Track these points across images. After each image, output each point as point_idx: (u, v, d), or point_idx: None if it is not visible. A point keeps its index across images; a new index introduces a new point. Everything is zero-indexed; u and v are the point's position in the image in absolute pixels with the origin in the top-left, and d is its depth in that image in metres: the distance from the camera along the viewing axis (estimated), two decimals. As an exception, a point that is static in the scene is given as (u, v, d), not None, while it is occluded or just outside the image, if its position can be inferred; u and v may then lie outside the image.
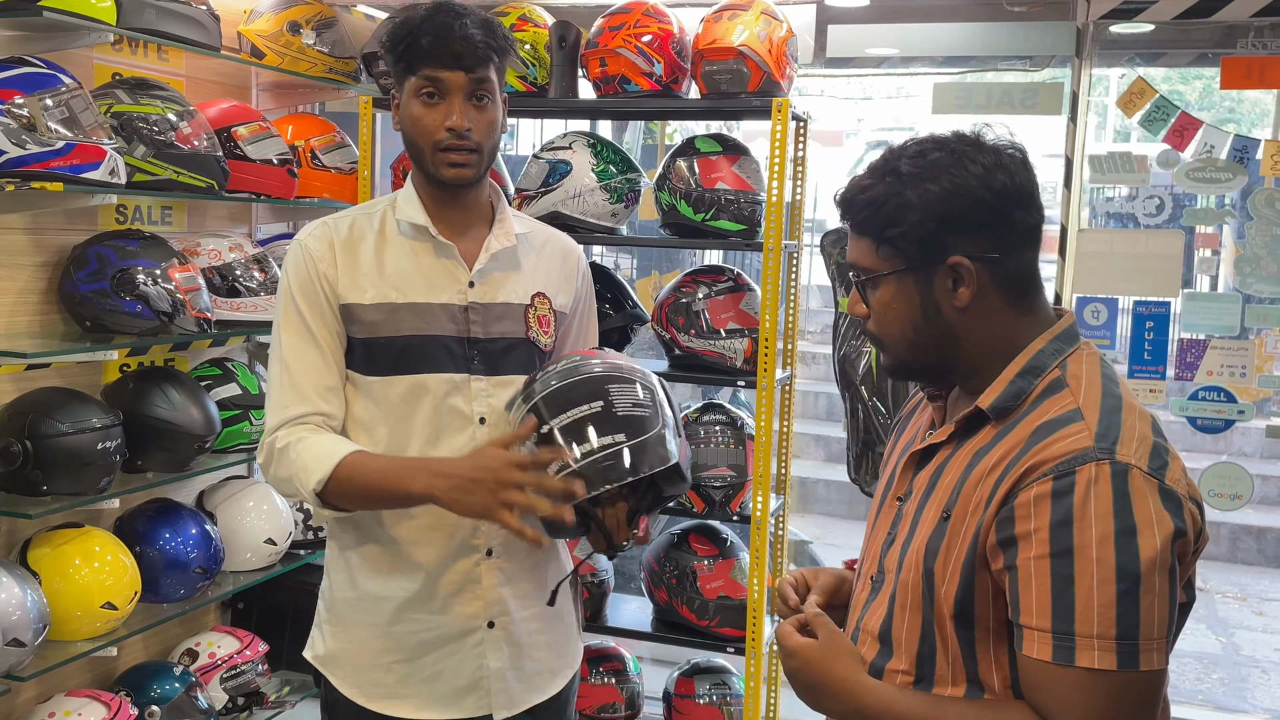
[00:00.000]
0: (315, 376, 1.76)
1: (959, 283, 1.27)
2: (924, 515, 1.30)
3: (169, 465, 2.80)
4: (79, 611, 2.55)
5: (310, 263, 1.77)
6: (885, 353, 1.37)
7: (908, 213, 1.26)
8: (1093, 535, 1.13)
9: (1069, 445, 1.18)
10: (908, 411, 1.54)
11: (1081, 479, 1.15)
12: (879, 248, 1.30)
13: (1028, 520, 1.17)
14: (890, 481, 1.43)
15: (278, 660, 3.20)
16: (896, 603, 1.31)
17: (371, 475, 1.68)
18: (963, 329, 1.29)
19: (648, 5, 2.92)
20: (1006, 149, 1.28)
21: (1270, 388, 3.14)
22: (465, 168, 1.74)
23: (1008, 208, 1.26)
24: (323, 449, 1.70)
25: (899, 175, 1.27)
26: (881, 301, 1.32)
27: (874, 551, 1.40)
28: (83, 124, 2.44)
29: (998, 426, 1.27)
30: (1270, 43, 3.06)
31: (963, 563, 1.22)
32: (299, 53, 3.20)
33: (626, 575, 4.32)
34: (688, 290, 3.00)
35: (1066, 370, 1.27)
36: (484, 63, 1.72)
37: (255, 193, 3.02)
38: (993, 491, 1.21)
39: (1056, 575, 1.14)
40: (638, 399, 1.69)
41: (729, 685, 3.09)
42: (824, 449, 7.82)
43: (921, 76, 3.67)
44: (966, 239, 1.26)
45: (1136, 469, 1.16)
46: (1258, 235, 3.11)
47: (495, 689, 1.84)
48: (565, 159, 2.98)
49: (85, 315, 2.65)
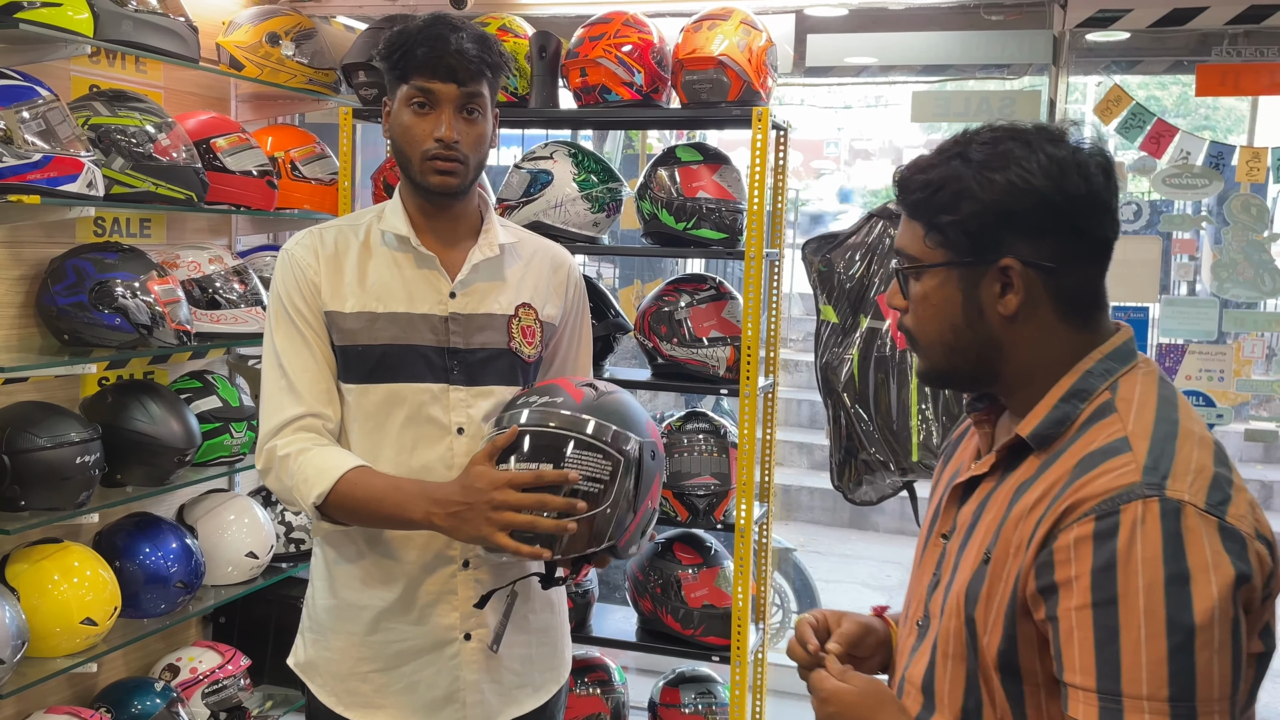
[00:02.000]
0: (310, 379, 1.78)
1: (1007, 288, 1.16)
2: (966, 556, 1.19)
3: (149, 479, 2.78)
4: (58, 627, 2.53)
5: (298, 270, 1.80)
6: (920, 354, 1.26)
7: (964, 201, 1.15)
8: (1139, 583, 1.02)
9: (1113, 480, 1.06)
10: (955, 437, 1.43)
11: (1126, 519, 1.03)
12: (927, 235, 1.19)
13: (1068, 566, 1.06)
14: (935, 516, 1.32)
15: (260, 675, 3.18)
16: (938, 652, 1.20)
17: (370, 496, 1.69)
18: (1007, 339, 1.18)
19: (628, 15, 2.93)
20: (1090, 151, 1.17)
21: (1248, 392, 3.16)
22: (451, 176, 1.75)
23: (1076, 215, 1.15)
24: (324, 463, 1.71)
25: (965, 160, 1.16)
26: (922, 295, 1.21)
27: (919, 594, 1.29)
28: (60, 136, 2.43)
29: (1041, 457, 1.16)
30: (1244, 50, 3.09)
31: (1005, 611, 1.12)
32: (278, 64, 3.19)
33: (611, 585, 4.31)
34: (670, 299, 3.01)
35: (1117, 393, 1.15)
36: (477, 77, 1.74)
37: (235, 204, 3.01)
38: (1033, 532, 1.10)
39: (1100, 627, 1.03)
40: (592, 472, 1.63)
41: (714, 694, 3.08)
42: (807, 456, 7.84)
43: (900, 85, 3.69)
44: (1024, 241, 1.15)
45: (1191, 506, 1.04)
46: (1234, 240, 3.14)
47: (470, 701, 1.83)
48: (546, 169, 2.98)
49: (63, 328, 2.63)
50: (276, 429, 1.76)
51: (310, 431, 1.76)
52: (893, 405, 2.96)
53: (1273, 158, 3.05)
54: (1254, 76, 3.11)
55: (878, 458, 3.02)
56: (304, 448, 1.73)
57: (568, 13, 3.28)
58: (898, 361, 2.97)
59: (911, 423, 2.95)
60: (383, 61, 1.77)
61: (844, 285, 3.07)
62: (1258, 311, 3.15)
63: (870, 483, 3.10)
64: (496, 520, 1.57)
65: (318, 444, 1.75)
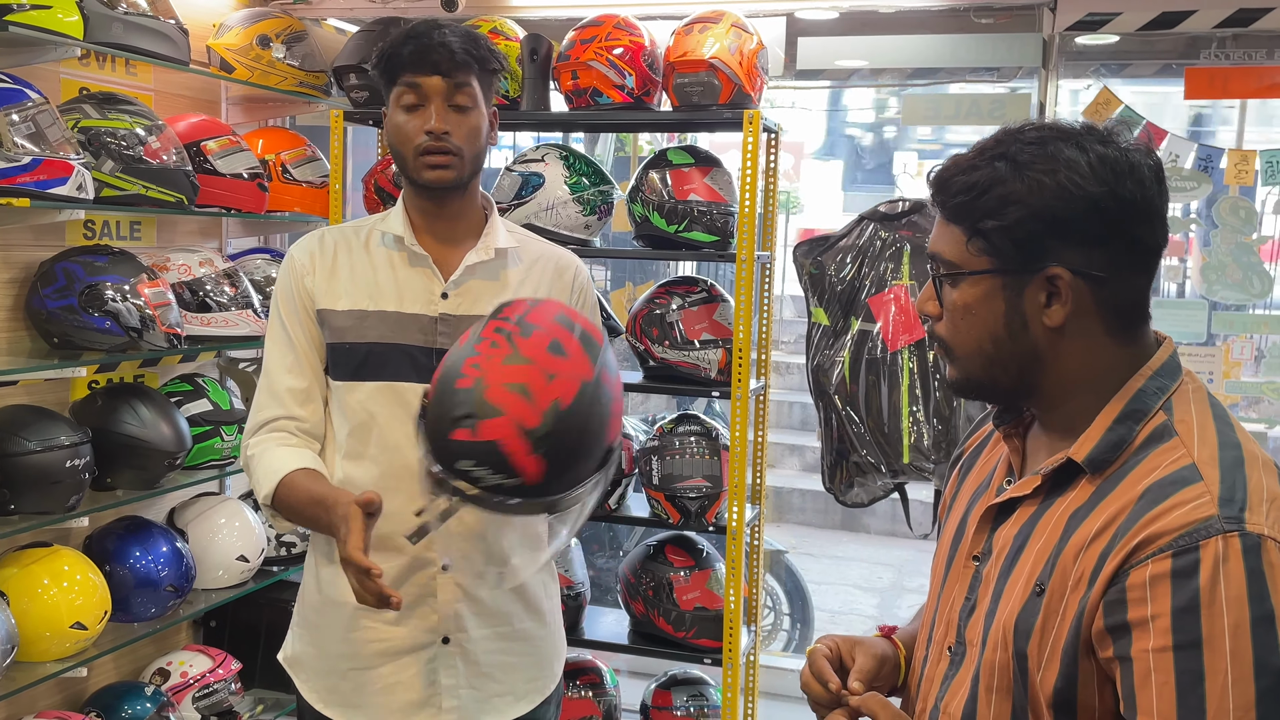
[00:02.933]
0: (289, 381, 1.82)
1: (1054, 298, 1.09)
2: (1012, 584, 1.13)
3: (139, 482, 2.77)
4: (48, 632, 2.52)
5: (295, 273, 1.84)
6: (953, 364, 1.18)
7: (1011, 206, 1.08)
8: (1224, 624, 0.96)
9: (1189, 514, 1.00)
10: (972, 446, 1.35)
11: (1207, 556, 0.98)
12: (970, 240, 1.11)
13: (1143, 605, 1.00)
14: (960, 534, 1.24)
15: (251, 678, 3.17)
16: (981, 684, 1.13)
17: (298, 503, 1.73)
18: (1050, 352, 1.12)
19: (619, 18, 2.93)
20: (1141, 153, 1.10)
21: (1238, 393, 3.18)
22: (445, 170, 1.77)
23: (1130, 222, 1.08)
24: (273, 464, 1.76)
25: (1010, 161, 1.09)
26: (960, 304, 1.14)
27: (950, 618, 1.22)
28: (50, 139, 2.42)
29: (1095, 482, 1.09)
30: (1232, 53, 3.11)
31: (1063, 646, 1.06)
32: (269, 66, 3.19)
33: (603, 588, 4.32)
34: (661, 301, 3.01)
35: (1173, 414, 1.09)
36: (462, 68, 1.75)
37: (225, 207, 3.00)
38: (1098, 565, 1.04)
39: (1182, 672, 0.97)
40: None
41: (706, 696, 3.08)
42: (799, 459, 7.85)
43: (891, 88, 3.70)
44: (1074, 249, 1.08)
45: (1271, 540, 0.98)
46: (1223, 243, 3.15)
47: (448, 706, 1.83)
48: (538, 171, 2.98)
49: (53, 332, 2.62)
50: (254, 430, 1.83)
51: (281, 432, 1.81)
52: (884, 407, 2.97)
53: (1261, 161, 3.07)
54: (1242, 79, 3.13)
55: (869, 460, 3.03)
56: (266, 449, 1.79)
57: (559, 16, 3.28)
58: (889, 364, 2.98)
59: (903, 425, 2.96)
60: (375, 69, 1.81)
61: (835, 288, 3.08)
62: (1246, 313, 3.16)
63: (862, 485, 3.11)
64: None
65: (281, 444, 1.80)
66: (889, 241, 3.04)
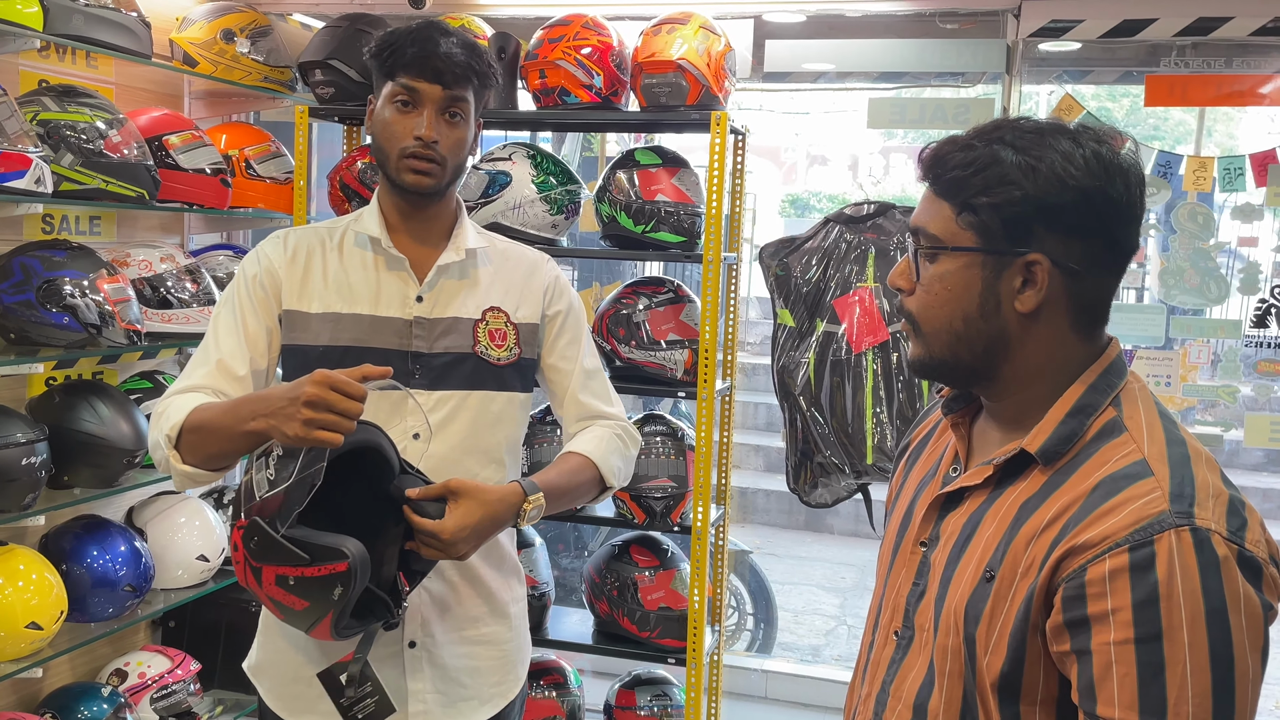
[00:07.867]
0: (229, 359, 1.76)
1: (1028, 284, 1.12)
2: (961, 570, 1.15)
3: (97, 481, 2.73)
4: (2, 632, 2.48)
5: (266, 262, 1.81)
6: (918, 341, 1.20)
7: (1006, 185, 1.10)
8: (1183, 617, 1.00)
9: (1142, 509, 1.03)
10: (918, 438, 1.38)
11: (1162, 550, 1.01)
12: (959, 215, 1.13)
13: (1103, 600, 1.03)
14: (906, 521, 1.27)
15: (210, 679, 3.13)
16: (936, 669, 1.17)
17: (213, 415, 1.64)
18: (1017, 338, 1.14)
19: (587, 18, 2.93)
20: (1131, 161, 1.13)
21: (1195, 396, 3.23)
22: (426, 176, 1.76)
23: (1114, 222, 1.12)
24: (186, 402, 1.68)
25: (1010, 145, 1.11)
26: (936, 278, 1.15)
27: (896, 603, 1.24)
28: (7, 131, 2.38)
29: (1046, 473, 1.12)
30: (1191, 62, 3.16)
31: (1010, 631, 1.09)
32: (233, 61, 3.15)
33: (567, 588, 4.31)
34: (628, 301, 3.01)
35: (1122, 410, 1.13)
36: (462, 81, 1.75)
37: (187, 202, 2.97)
38: (1048, 553, 1.07)
39: (1144, 664, 1.01)
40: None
41: (670, 696, 3.09)
42: (763, 459, 7.88)
43: (857, 92, 3.73)
44: (1057, 239, 1.10)
45: (1218, 534, 1.02)
46: (1181, 248, 3.20)
47: (414, 711, 1.82)
48: (505, 170, 2.97)
49: (10, 327, 2.58)
50: (172, 394, 1.74)
51: (197, 394, 1.73)
52: (848, 409, 2.99)
53: (1219, 167, 3.12)
54: (1201, 87, 3.18)
55: (833, 460, 3.05)
56: (185, 399, 1.70)
57: (527, 14, 3.27)
58: (853, 365, 3.00)
59: (866, 426, 2.98)
60: (372, 59, 1.79)
61: (801, 289, 3.10)
62: (1204, 318, 3.21)
63: (826, 485, 3.13)
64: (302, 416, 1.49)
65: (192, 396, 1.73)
66: (854, 244, 3.07)
